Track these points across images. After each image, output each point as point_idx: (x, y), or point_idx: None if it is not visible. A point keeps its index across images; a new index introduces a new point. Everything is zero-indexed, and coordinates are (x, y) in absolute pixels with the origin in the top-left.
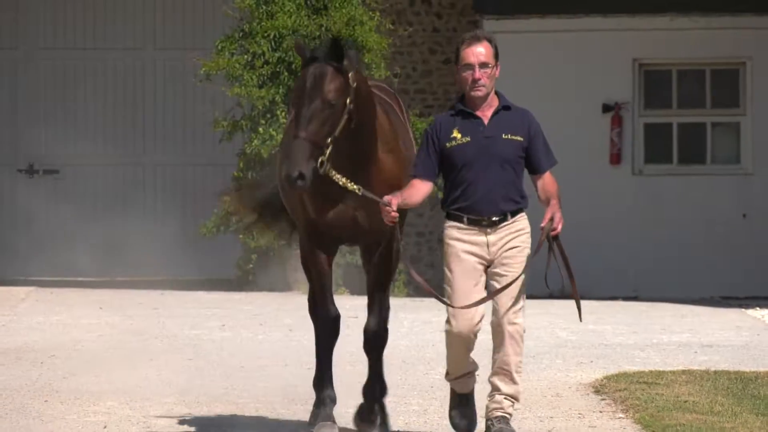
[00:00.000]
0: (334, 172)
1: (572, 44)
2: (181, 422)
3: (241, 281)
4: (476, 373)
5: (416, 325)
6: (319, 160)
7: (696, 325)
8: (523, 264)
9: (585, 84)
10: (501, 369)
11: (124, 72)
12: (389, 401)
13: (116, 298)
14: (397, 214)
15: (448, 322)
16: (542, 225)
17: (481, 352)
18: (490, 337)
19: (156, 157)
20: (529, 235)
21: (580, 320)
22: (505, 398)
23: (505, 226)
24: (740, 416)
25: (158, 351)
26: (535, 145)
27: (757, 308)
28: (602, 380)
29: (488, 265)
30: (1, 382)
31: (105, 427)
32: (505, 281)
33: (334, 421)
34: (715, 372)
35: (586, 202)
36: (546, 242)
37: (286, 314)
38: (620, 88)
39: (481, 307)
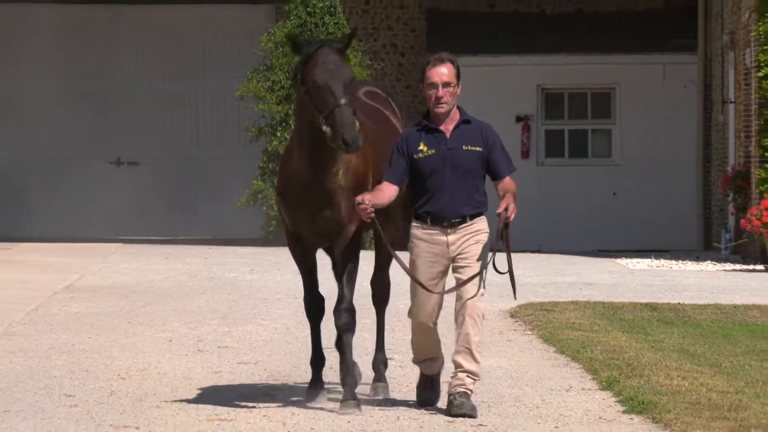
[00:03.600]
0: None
1: (495, 74)
2: (224, 337)
3: (265, 240)
4: (440, 358)
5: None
6: (357, 126)
7: (581, 270)
8: (482, 256)
9: (504, 102)
10: (463, 348)
11: (183, 93)
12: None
13: (178, 251)
14: (372, 211)
15: (410, 312)
16: (498, 212)
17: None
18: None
19: (206, 153)
20: (487, 234)
21: (515, 298)
22: (467, 375)
23: (463, 227)
24: (611, 333)
25: (207, 288)
26: (494, 154)
27: (623, 258)
28: (516, 308)
29: (450, 261)
30: (98, 309)
31: (170, 340)
32: (466, 273)
33: (322, 386)
34: (594, 302)
35: None
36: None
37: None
38: (528, 105)
39: (439, 300)
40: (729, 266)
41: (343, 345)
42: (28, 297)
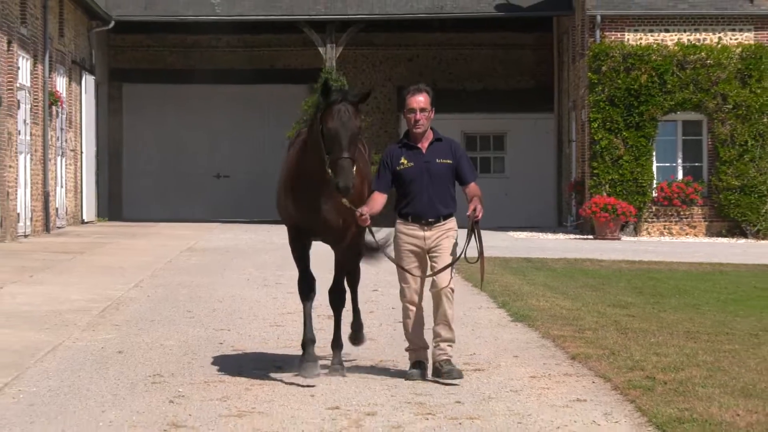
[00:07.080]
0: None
1: (435, 125)
2: (279, 278)
3: None
4: (426, 348)
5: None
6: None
7: (486, 239)
8: (451, 248)
9: None
10: (441, 320)
11: (255, 135)
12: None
13: (254, 228)
14: (368, 220)
15: (401, 293)
16: (468, 213)
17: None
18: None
19: (270, 170)
20: (456, 231)
21: (481, 288)
22: (447, 344)
23: (438, 225)
24: (504, 275)
25: (270, 249)
26: (461, 165)
27: (511, 231)
28: None
29: (427, 251)
30: (206, 261)
31: (248, 279)
32: (439, 261)
33: (316, 360)
34: (494, 258)
35: None
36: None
37: None
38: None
39: (421, 282)
40: (572, 236)
41: (339, 319)
42: (165, 254)
